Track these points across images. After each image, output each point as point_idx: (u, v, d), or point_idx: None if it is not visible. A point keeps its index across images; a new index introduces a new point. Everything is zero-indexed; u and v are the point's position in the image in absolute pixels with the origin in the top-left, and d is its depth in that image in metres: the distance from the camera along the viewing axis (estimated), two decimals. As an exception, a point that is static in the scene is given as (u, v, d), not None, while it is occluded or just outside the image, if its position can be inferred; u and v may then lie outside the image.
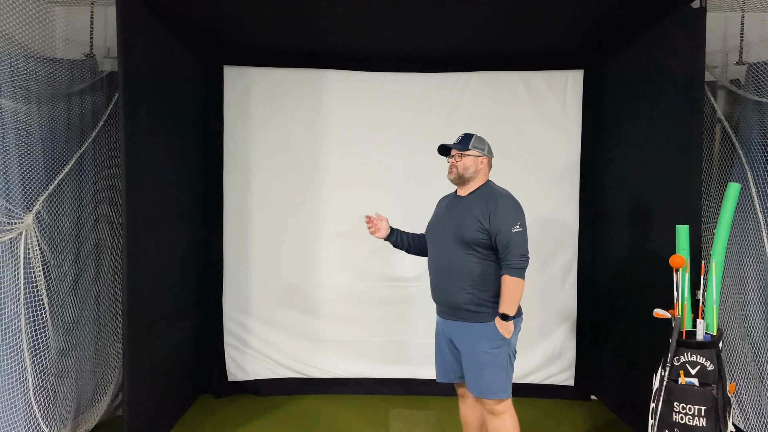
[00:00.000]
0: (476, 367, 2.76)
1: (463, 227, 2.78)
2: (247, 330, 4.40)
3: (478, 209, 2.78)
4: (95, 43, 3.65)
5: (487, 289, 2.78)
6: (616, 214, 3.97)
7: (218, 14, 3.51)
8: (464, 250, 2.78)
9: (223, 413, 4.03)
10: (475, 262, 2.78)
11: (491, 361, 2.74)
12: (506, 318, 2.72)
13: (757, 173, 3.28)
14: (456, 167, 2.88)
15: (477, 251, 2.77)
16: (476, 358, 2.75)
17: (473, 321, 2.77)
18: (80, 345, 3.45)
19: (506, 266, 2.72)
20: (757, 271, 3.31)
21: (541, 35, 3.80)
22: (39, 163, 3.09)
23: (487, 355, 2.74)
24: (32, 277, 3.03)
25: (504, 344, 2.75)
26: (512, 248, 2.71)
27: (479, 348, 2.75)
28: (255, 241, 4.37)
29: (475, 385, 2.79)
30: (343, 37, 3.94)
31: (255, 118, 4.32)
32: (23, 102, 2.98)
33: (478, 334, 2.76)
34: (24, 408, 2.94)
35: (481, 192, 2.88)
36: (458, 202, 2.93)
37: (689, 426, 2.64)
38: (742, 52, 3.58)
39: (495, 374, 2.74)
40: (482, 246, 2.76)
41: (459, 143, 2.91)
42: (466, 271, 2.78)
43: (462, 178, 2.88)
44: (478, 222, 2.75)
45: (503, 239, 2.71)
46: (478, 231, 2.75)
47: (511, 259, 2.71)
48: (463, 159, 2.87)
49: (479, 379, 2.76)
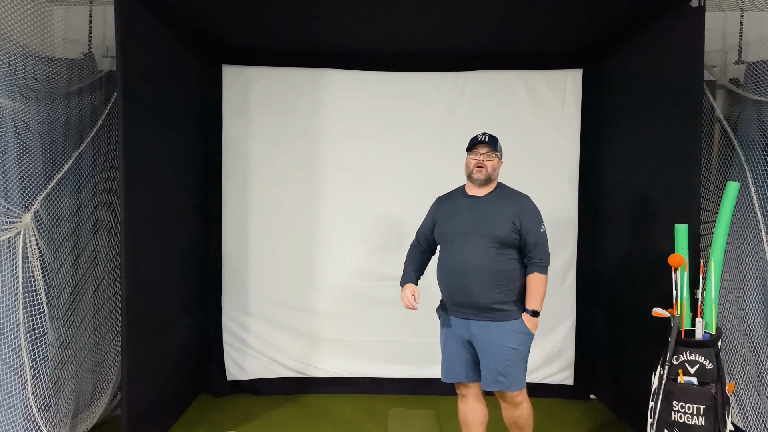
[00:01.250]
0: (502, 364, 2.82)
1: (497, 227, 2.83)
2: (247, 329, 4.39)
3: (509, 210, 2.85)
4: (94, 43, 3.64)
5: (514, 287, 2.87)
6: (615, 213, 3.97)
7: (217, 13, 3.51)
8: (496, 250, 2.82)
9: (222, 413, 4.02)
10: (505, 261, 2.85)
11: (516, 357, 2.84)
12: (536, 314, 2.84)
13: (756, 172, 3.28)
14: (486, 167, 2.91)
15: (507, 251, 2.85)
16: (503, 355, 2.82)
17: (500, 320, 2.83)
18: (79, 344, 3.45)
19: (535, 264, 2.85)
20: (756, 270, 3.31)
21: (541, 34, 3.80)
22: (37, 162, 3.09)
23: (514, 351, 2.83)
24: (31, 276, 3.03)
25: (528, 339, 2.87)
26: (541, 247, 2.87)
27: (507, 345, 2.82)
28: (254, 240, 4.37)
29: (499, 381, 2.84)
30: (342, 37, 3.94)
31: (254, 117, 4.32)
32: (22, 101, 2.98)
33: (505, 332, 2.82)
34: (22, 407, 2.94)
35: (503, 192, 2.96)
36: (478, 202, 2.94)
37: (688, 425, 2.63)
38: (741, 51, 3.58)
39: (519, 368, 2.86)
40: (513, 246, 2.86)
41: (491, 141, 2.93)
42: (497, 271, 2.82)
43: (489, 179, 2.93)
44: (511, 222, 2.83)
45: (533, 239, 2.84)
46: (513, 231, 2.83)
47: (540, 257, 2.86)
48: (493, 159, 2.92)
49: (505, 374, 2.83)
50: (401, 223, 4.33)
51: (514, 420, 2.98)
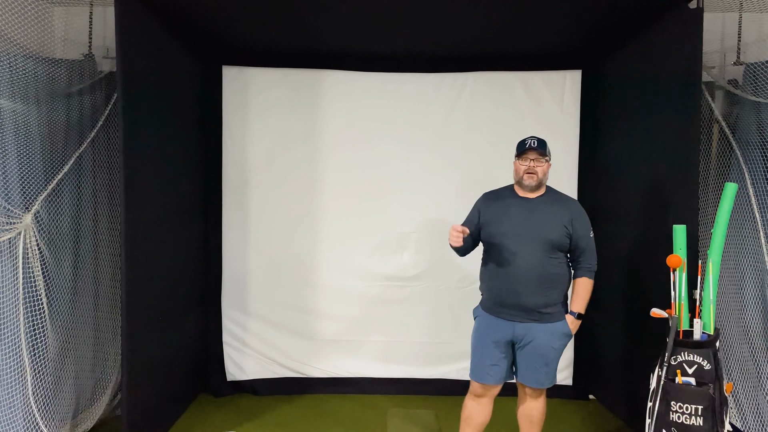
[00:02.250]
0: (542, 363, 2.91)
1: (551, 231, 2.86)
2: (246, 330, 4.40)
3: (562, 214, 2.89)
4: (94, 43, 3.64)
5: (561, 290, 2.94)
6: (613, 213, 3.97)
7: (217, 14, 3.51)
8: (548, 254, 2.86)
9: (221, 413, 4.03)
10: (556, 265, 2.90)
11: (556, 356, 2.94)
12: (580, 317, 2.94)
13: (755, 173, 3.29)
14: (536, 172, 2.92)
15: (558, 255, 2.90)
16: (545, 354, 2.90)
17: (545, 321, 2.89)
18: (79, 344, 3.45)
19: (585, 269, 2.95)
20: (754, 271, 3.32)
21: (539, 35, 3.80)
22: (38, 163, 3.09)
23: (555, 351, 2.93)
24: (31, 277, 3.03)
25: (568, 339, 2.97)
26: (590, 252, 2.95)
27: (550, 345, 2.90)
28: (254, 241, 4.37)
29: (537, 378, 2.94)
30: (342, 38, 3.94)
31: (254, 117, 4.33)
32: (22, 102, 2.98)
33: (550, 333, 2.89)
34: (23, 407, 2.94)
35: (554, 196, 3.00)
36: (530, 204, 2.95)
37: (686, 425, 2.64)
38: (739, 52, 3.59)
39: (555, 366, 2.97)
40: (564, 250, 2.91)
41: (540, 145, 2.93)
42: (549, 274, 2.87)
43: (539, 185, 2.95)
44: (564, 227, 2.88)
45: (584, 243, 2.92)
46: (565, 236, 2.88)
47: (591, 262, 2.96)
48: (543, 164, 2.94)
49: (544, 373, 2.93)
50: (400, 223, 4.34)
51: (530, 413, 3.05)
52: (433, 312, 4.40)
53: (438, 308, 4.37)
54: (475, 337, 3.07)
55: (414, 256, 4.37)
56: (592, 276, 2.96)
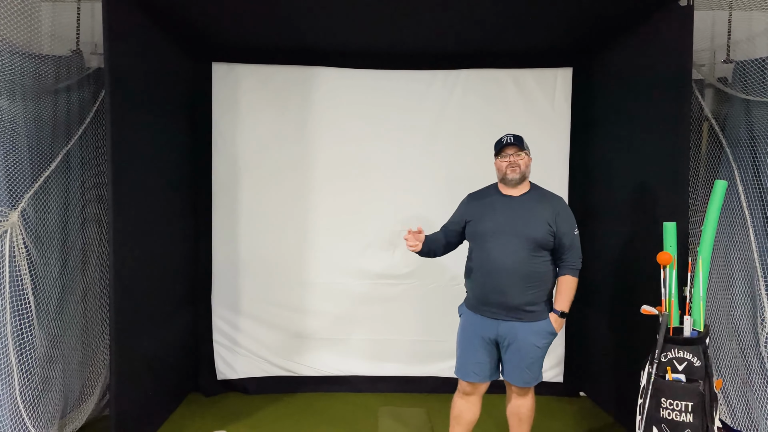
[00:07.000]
0: (527, 362, 2.90)
1: (534, 229, 2.84)
2: (237, 328, 4.38)
3: (545, 212, 2.88)
4: (82, 39, 3.60)
5: (546, 289, 2.92)
6: (604, 211, 3.98)
7: (206, 10, 3.48)
8: (532, 252, 2.85)
9: (212, 412, 4.01)
10: (540, 264, 2.88)
11: (540, 354, 2.92)
12: (564, 315, 2.91)
13: (744, 171, 3.31)
14: (519, 166, 2.92)
15: (542, 253, 2.88)
16: (529, 353, 2.88)
17: (529, 320, 2.88)
18: (67, 343, 3.42)
19: (569, 267, 2.92)
20: (743, 268, 3.34)
21: (530, 33, 3.81)
22: (24, 160, 3.05)
23: (539, 350, 2.91)
24: (18, 275, 3.00)
25: (552, 338, 2.93)
26: (575, 250, 2.93)
27: (534, 344, 2.88)
28: (244, 239, 4.35)
29: (523, 377, 2.93)
30: (332, 34, 3.92)
31: (244, 115, 4.30)
32: (8, 98, 2.95)
33: (533, 332, 2.88)
34: (10, 407, 2.91)
35: (538, 193, 2.99)
36: (513, 201, 2.95)
37: (676, 422, 2.65)
38: (729, 50, 3.60)
39: (540, 365, 2.95)
40: (547, 248, 2.89)
41: (516, 141, 2.93)
42: (533, 273, 2.85)
43: (522, 178, 2.95)
44: (548, 225, 2.86)
45: (568, 241, 2.89)
46: (549, 234, 2.85)
47: (575, 260, 2.93)
48: (524, 157, 2.94)
49: (529, 371, 2.92)
50: (392, 221, 4.33)
51: (518, 410, 3.05)
52: (423, 310, 4.40)
53: (429, 306, 4.37)
54: (460, 335, 3.08)
55: (405, 254, 4.35)
56: (576, 274, 2.93)
